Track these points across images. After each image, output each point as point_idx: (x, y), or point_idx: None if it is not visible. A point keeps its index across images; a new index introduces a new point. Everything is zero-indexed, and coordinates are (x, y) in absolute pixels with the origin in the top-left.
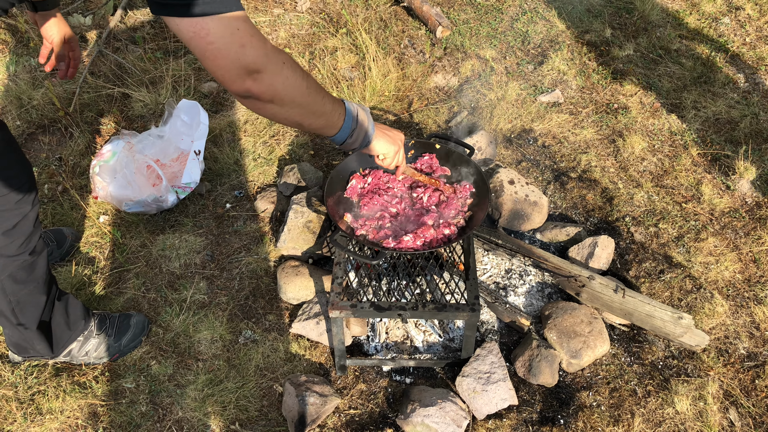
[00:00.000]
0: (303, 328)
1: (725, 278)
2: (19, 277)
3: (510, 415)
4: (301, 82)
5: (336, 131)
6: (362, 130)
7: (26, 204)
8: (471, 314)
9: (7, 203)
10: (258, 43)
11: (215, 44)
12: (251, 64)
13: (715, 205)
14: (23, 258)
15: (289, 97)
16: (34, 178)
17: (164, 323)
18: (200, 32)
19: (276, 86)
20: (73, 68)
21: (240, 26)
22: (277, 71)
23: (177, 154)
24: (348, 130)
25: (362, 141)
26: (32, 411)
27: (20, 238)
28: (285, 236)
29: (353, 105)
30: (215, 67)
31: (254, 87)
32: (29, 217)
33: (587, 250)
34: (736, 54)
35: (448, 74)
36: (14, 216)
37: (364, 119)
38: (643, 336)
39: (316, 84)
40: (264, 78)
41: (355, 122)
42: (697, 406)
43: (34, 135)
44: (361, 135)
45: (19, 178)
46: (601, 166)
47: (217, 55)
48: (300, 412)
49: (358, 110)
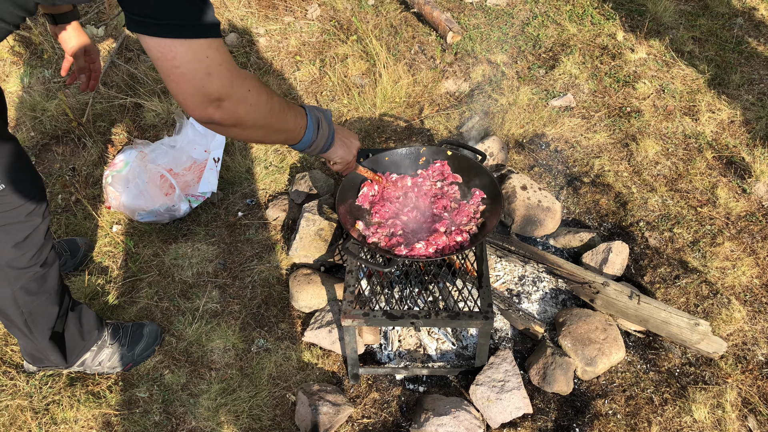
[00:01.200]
0: (315, 336)
1: (742, 283)
2: (31, 288)
3: (525, 424)
4: (264, 107)
5: (297, 142)
6: (321, 141)
7: (37, 216)
8: (484, 322)
9: (18, 216)
10: (225, 73)
11: (180, 69)
12: (215, 92)
13: (731, 208)
14: (35, 270)
15: (252, 122)
16: (44, 191)
17: (177, 332)
18: (167, 54)
19: (239, 113)
20: (94, 80)
21: (210, 54)
22: (241, 99)
23: (190, 163)
24: (308, 141)
25: (321, 149)
26: (47, 421)
27: (32, 250)
28: (297, 244)
29: (315, 114)
30: (178, 91)
31: (217, 115)
32: (40, 230)
33: (601, 256)
34: (751, 55)
35: (459, 80)
36: (25, 228)
37: (325, 130)
38: (659, 343)
39: (280, 104)
40: (227, 106)
41: (316, 134)
42: (716, 414)
43: (48, 146)
44: (321, 144)
45: (30, 191)
46: (614, 171)
47: (181, 79)
48: (313, 421)
49: (320, 120)
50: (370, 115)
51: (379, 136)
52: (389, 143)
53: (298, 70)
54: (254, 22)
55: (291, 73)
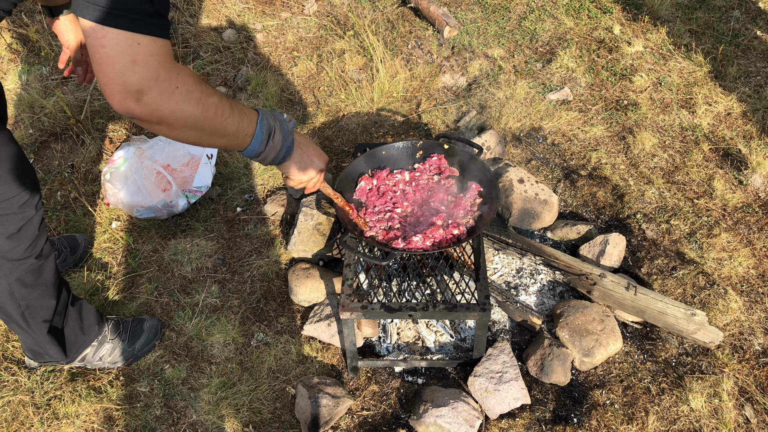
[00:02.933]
0: (314, 330)
1: (739, 274)
2: (27, 281)
3: (523, 415)
4: (194, 108)
5: (242, 149)
6: (271, 153)
7: (30, 208)
8: (482, 314)
9: (11, 207)
10: (153, 64)
11: (106, 49)
12: (135, 83)
13: (728, 200)
14: (30, 262)
15: (179, 122)
16: (37, 182)
17: (177, 327)
18: (98, 32)
19: (162, 111)
20: (90, 73)
21: (143, 42)
22: (165, 96)
23: (187, 159)
24: (254, 152)
25: (271, 161)
26: (49, 416)
27: (26, 242)
28: (295, 239)
29: (269, 124)
30: (100, 75)
31: (137, 109)
32: (34, 221)
33: (598, 248)
34: (748, 47)
35: (456, 74)
36: (18, 220)
37: (278, 141)
38: (656, 333)
39: (219, 107)
40: (148, 101)
41: (264, 146)
42: (712, 403)
43: (46, 143)
44: (270, 157)
45: (23, 182)
46: (611, 164)
47: (105, 61)
48: (313, 413)
49: (274, 129)
50: (367, 110)
51: (376, 130)
52: (387, 138)
53: (295, 65)
54: (251, 18)
55: (288, 68)
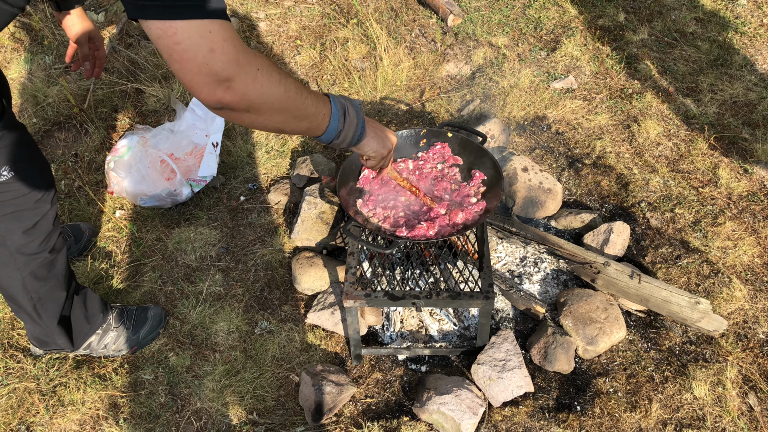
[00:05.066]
0: (318, 318)
1: (743, 263)
2: (39, 274)
3: (526, 402)
4: (278, 88)
5: (321, 133)
6: (350, 131)
7: (45, 203)
8: (485, 302)
9: (27, 203)
10: (230, 49)
11: (182, 45)
12: (221, 71)
13: (733, 188)
14: (43, 256)
15: (267, 106)
16: (52, 177)
17: (181, 315)
18: (168, 30)
19: (250, 95)
20: (98, 67)
21: (213, 29)
22: (251, 79)
23: (191, 147)
24: (334, 131)
25: (350, 141)
26: (54, 403)
27: (40, 237)
28: (299, 228)
29: (341, 102)
30: (183, 72)
31: (227, 97)
32: (48, 216)
33: (602, 237)
34: (754, 35)
35: (460, 62)
36: (34, 215)
37: (353, 118)
38: (660, 322)
39: (297, 87)
40: (236, 86)
41: (342, 123)
42: (716, 391)
43: (50, 132)
44: (349, 135)
45: (38, 178)
46: (615, 152)
47: (183, 56)
48: (317, 401)
49: (347, 108)
50: (371, 99)
51: (380, 119)
52: (390, 126)
53: (298, 54)
54: (254, 7)
55: (291, 57)
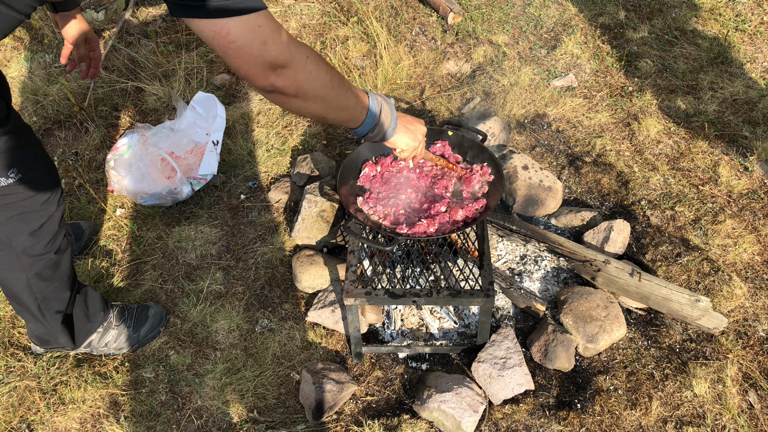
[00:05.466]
0: (319, 316)
1: (744, 260)
2: (45, 275)
3: (526, 400)
4: (324, 76)
5: (358, 125)
6: (384, 125)
7: (52, 204)
8: (485, 300)
9: (34, 204)
10: (280, 39)
11: (236, 42)
12: (274, 59)
13: (733, 186)
14: (49, 257)
15: (314, 92)
16: (58, 179)
17: (182, 314)
18: (221, 32)
19: (300, 81)
20: (94, 68)
21: (261, 23)
22: (301, 66)
23: (191, 146)
24: (370, 125)
25: (383, 135)
26: (55, 401)
27: (46, 238)
28: (299, 226)
29: (377, 98)
30: (239, 64)
31: (279, 82)
32: (54, 217)
33: (603, 235)
34: (754, 33)
35: (460, 61)
36: (40, 217)
37: (387, 114)
38: (661, 320)
39: (340, 78)
40: (288, 73)
41: (378, 117)
42: (716, 389)
43: (50, 130)
44: (383, 130)
45: (45, 179)
46: (616, 150)
47: (239, 53)
48: (317, 399)
49: (382, 104)
50: None
51: None
52: None
53: None
54: None
55: None
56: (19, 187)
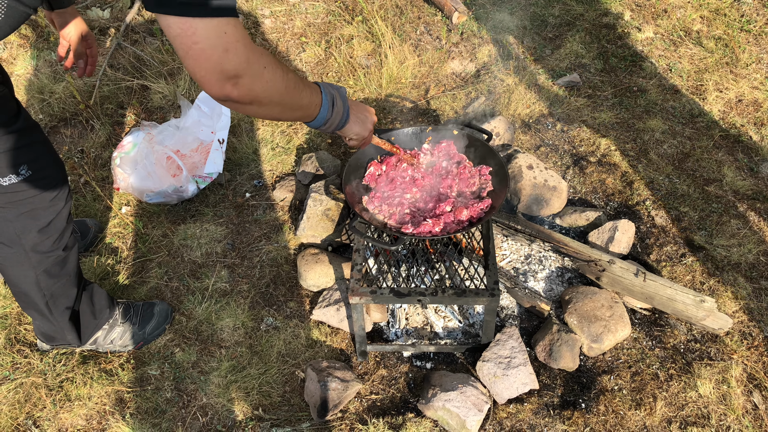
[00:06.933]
0: (324, 314)
1: (748, 261)
2: (53, 271)
3: (531, 399)
4: (280, 84)
5: (311, 120)
6: (336, 118)
7: (60, 201)
8: (490, 299)
9: (43, 201)
10: (242, 49)
11: (200, 44)
12: (232, 69)
13: (738, 187)
14: (57, 253)
15: (269, 99)
16: (66, 176)
17: (187, 311)
18: (187, 30)
19: (256, 90)
20: (91, 65)
21: (228, 30)
22: (257, 76)
23: (197, 144)
24: (322, 119)
25: (335, 127)
26: (61, 398)
27: (54, 235)
28: (304, 224)
29: (331, 93)
30: (196, 68)
31: (234, 92)
32: (62, 214)
33: (607, 235)
34: (760, 33)
35: (465, 60)
36: (49, 214)
37: (339, 106)
38: (665, 320)
39: (295, 81)
40: (244, 83)
41: (330, 112)
42: (721, 389)
43: (56, 128)
44: (336, 121)
45: (54, 176)
46: (620, 150)
47: (200, 56)
48: (322, 397)
49: (335, 97)
50: (375, 96)
51: (385, 117)
52: (395, 124)
53: (303, 51)
54: (259, 4)
55: (296, 54)
56: (29, 184)
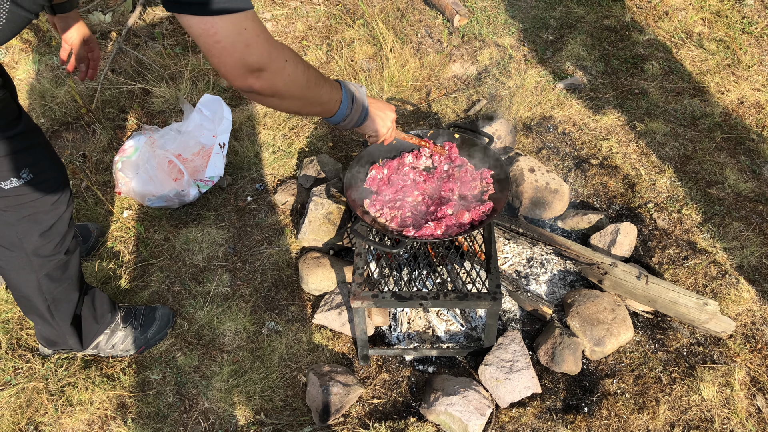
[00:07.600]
0: (325, 318)
1: (751, 263)
2: (55, 276)
3: (533, 403)
4: (301, 78)
5: (332, 115)
6: (355, 116)
7: (62, 205)
8: (492, 303)
9: (44, 205)
10: (263, 43)
11: (221, 43)
12: (255, 63)
13: (740, 189)
14: (59, 257)
15: (290, 93)
16: (68, 179)
17: (189, 315)
18: (209, 30)
19: (277, 83)
20: (93, 69)
21: (247, 26)
22: (280, 69)
23: (198, 148)
24: (342, 115)
25: (355, 123)
26: (63, 403)
27: (56, 239)
28: (306, 228)
29: (350, 88)
30: (220, 64)
31: (257, 84)
32: (64, 218)
33: (609, 237)
34: (761, 35)
35: (466, 63)
36: (51, 217)
37: (359, 104)
38: (668, 323)
39: (317, 76)
40: (266, 76)
41: (350, 109)
42: (724, 392)
43: (57, 132)
44: (355, 118)
45: (55, 180)
46: (622, 153)
47: (222, 53)
48: (324, 401)
49: (354, 94)
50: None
51: None
52: (396, 127)
53: (305, 54)
54: (260, 7)
55: None
56: (31, 187)
